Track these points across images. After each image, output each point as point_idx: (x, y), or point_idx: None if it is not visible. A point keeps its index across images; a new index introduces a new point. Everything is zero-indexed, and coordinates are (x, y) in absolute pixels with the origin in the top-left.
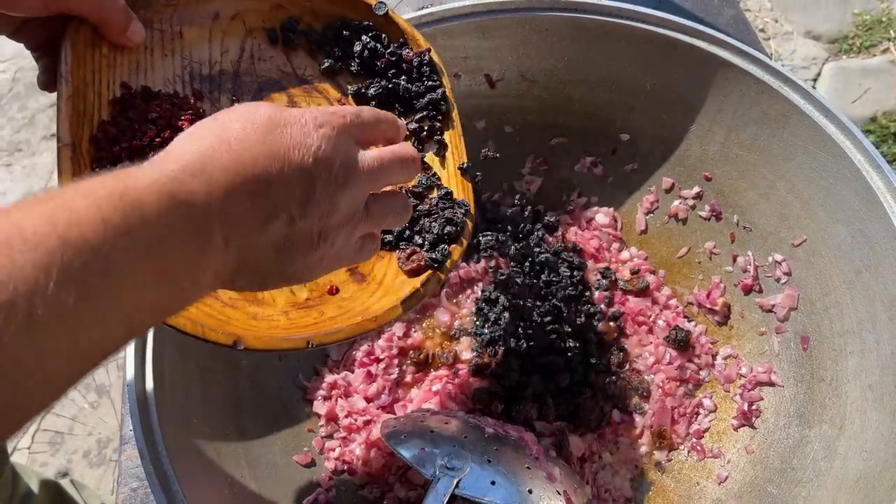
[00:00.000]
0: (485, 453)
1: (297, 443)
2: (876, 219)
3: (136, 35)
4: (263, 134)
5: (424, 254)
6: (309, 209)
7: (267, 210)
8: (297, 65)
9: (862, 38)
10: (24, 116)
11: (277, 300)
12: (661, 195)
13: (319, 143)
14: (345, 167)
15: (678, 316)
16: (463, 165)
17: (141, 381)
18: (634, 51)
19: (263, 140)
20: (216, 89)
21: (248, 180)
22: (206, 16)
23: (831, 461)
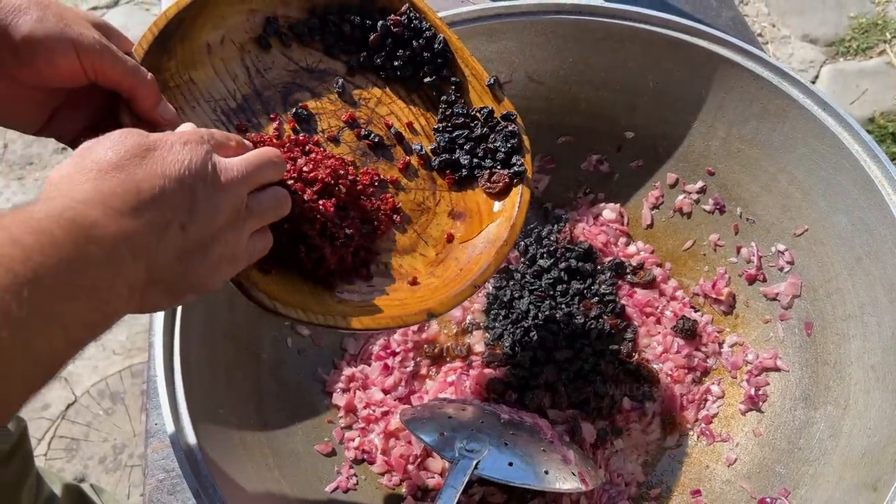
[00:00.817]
0: (501, 437)
1: (317, 433)
2: (874, 207)
3: (168, 112)
4: (139, 158)
5: (503, 172)
6: (195, 215)
7: (159, 223)
8: (297, 59)
9: (858, 40)
10: None
11: (419, 269)
12: (665, 190)
13: (190, 156)
14: (216, 172)
15: (685, 306)
16: (490, 82)
17: (170, 373)
18: (637, 51)
19: (141, 164)
20: (252, 115)
21: (139, 201)
22: (202, 51)
23: (836, 440)
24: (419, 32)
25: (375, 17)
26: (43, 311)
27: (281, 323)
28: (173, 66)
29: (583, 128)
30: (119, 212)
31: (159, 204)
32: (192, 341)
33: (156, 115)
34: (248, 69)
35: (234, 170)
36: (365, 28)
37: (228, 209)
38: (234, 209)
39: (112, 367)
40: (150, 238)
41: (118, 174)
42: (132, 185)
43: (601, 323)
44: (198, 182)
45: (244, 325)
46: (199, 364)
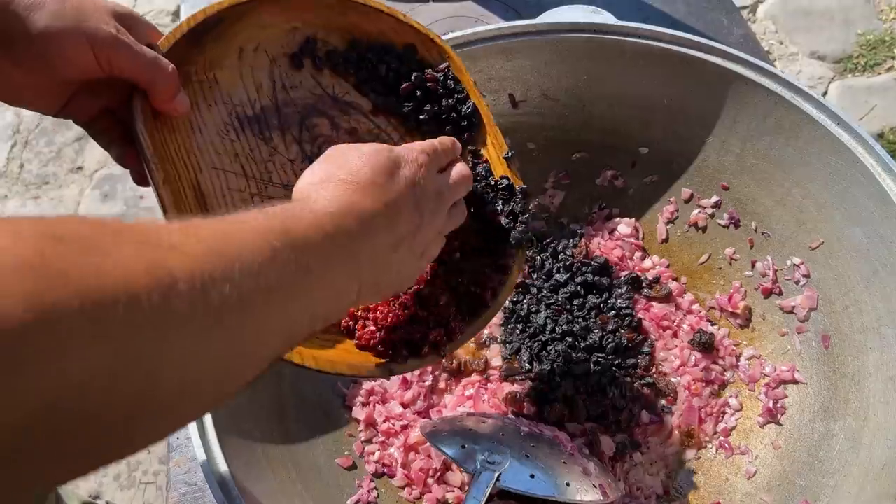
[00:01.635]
0: (522, 449)
1: (338, 447)
2: (890, 219)
3: (182, 105)
4: (387, 177)
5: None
6: (418, 235)
7: (394, 239)
8: (325, 84)
9: (866, 57)
10: (52, 150)
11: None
12: (680, 205)
13: (425, 182)
14: (438, 195)
15: (701, 320)
16: (507, 155)
17: None
18: (650, 68)
19: (388, 183)
20: (266, 128)
21: (385, 218)
22: (233, 54)
23: (857, 452)
24: (452, 92)
25: (413, 67)
26: (302, 291)
27: None
28: (200, 62)
29: (597, 144)
30: (370, 226)
31: (398, 223)
32: None
33: (170, 107)
34: (275, 82)
35: (447, 190)
36: (400, 73)
37: (440, 226)
38: (442, 225)
39: None
40: (386, 251)
41: (372, 191)
42: (383, 203)
43: (618, 337)
44: (426, 206)
45: None
46: None
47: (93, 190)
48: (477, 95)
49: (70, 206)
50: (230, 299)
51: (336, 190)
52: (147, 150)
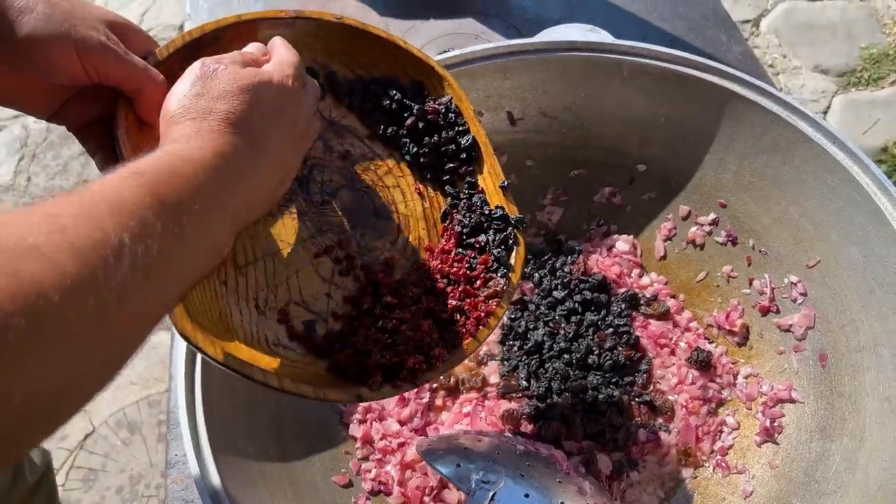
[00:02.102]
0: (517, 468)
1: (335, 464)
2: (886, 239)
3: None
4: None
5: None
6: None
7: (268, 174)
8: (322, 108)
9: (870, 70)
10: (58, 164)
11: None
12: (678, 222)
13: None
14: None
15: (699, 338)
16: (503, 184)
17: (191, 404)
18: (648, 86)
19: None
20: None
21: (265, 157)
22: None
23: (853, 472)
24: (452, 125)
25: (417, 101)
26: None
27: None
28: None
29: (595, 161)
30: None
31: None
32: (212, 372)
33: (155, 117)
34: None
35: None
36: (403, 106)
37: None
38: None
39: (130, 396)
40: (261, 187)
41: (250, 135)
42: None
43: (616, 354)
44: (307, 132)
45: None
46: (220, 395)
47: None
48: (476, 126)
49: None
50: (107, 296)
51: (214, 132)
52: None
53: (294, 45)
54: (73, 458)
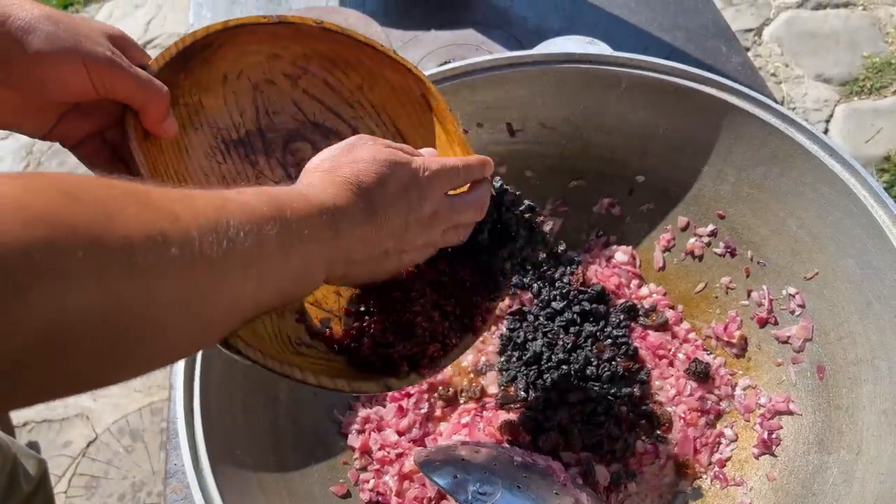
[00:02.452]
0: (514, 480)
1: (333, 474)
2: (883, 251)
3: (171, 127)
4: (387, 186)
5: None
6: (400, 245)
7: (373, 245)
8: (307, 111)
9: (872, 79)
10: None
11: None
12: (677, 233)
13: (423, 200)
14: (433, 214)
15: (697, 349)
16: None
17: (190, 414)
18: (647, 98)
19: (385, 192)
20: (251, 152)
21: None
22: (217, 80)
23: (850, 485)
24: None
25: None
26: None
27: None
28: (187, 85)
29: (594, 172)
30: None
31: (384, 231)
32: (211, 382)
33: (160, 129)
34: (258, 108)
35: (447, 212)
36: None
37: (426, 239)
38: (429, 239)
39: (132, 404)
40: (364, 252)
41: (369, 196)
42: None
43: (614, 366)
44: (420, 221)
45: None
46: (218, 405)
47: None
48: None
49: None
50: (213, 266)
51: (335, 185)
52: (142, 167)
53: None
54: (75, 466)
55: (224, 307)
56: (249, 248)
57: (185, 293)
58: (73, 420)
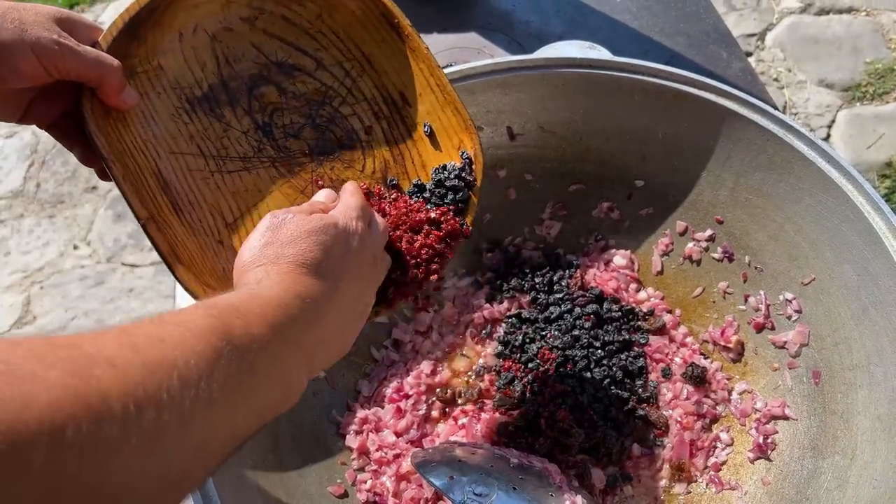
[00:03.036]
0: (510, 481)
1: (331, 475)
2: (879, 258)
3: (131, 98)
4: (334, 255)
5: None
6: (361, 300)
7: (342, 316)
8: (268, 52)
9: (875, 85)
10: (67, 170)
11: None
12: (675, 238)
13: (365, 250)
14: (373, 257)
15: (694, 353)
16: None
17: None
18: (646, 103)
19: (336, 262)
20: (216, 105)
21: (336, 298)
22: (173, 39)
23: (843, 490)
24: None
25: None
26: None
27: None
28: (142, 53)
29: (594, 176)
30: (319, 308)
31: (348, 296)
32: None
33: (118, 101)
34: (218, 58)
35: (378, 247)
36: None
37: (381, 275)
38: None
39: None
40: (335, 328)
41: (323, 272)
42: (332, 284)
43: (612, 369)
44: (369, 269)
45: None
46: None
47: (106, 210)
48: (416, 38)
49: (84, 225)
50: (168, 416)
51: (284, 274)
52: (102, 149)
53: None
54: None
55: (190, 460)
56: (211, 388)
57: (138, 461)
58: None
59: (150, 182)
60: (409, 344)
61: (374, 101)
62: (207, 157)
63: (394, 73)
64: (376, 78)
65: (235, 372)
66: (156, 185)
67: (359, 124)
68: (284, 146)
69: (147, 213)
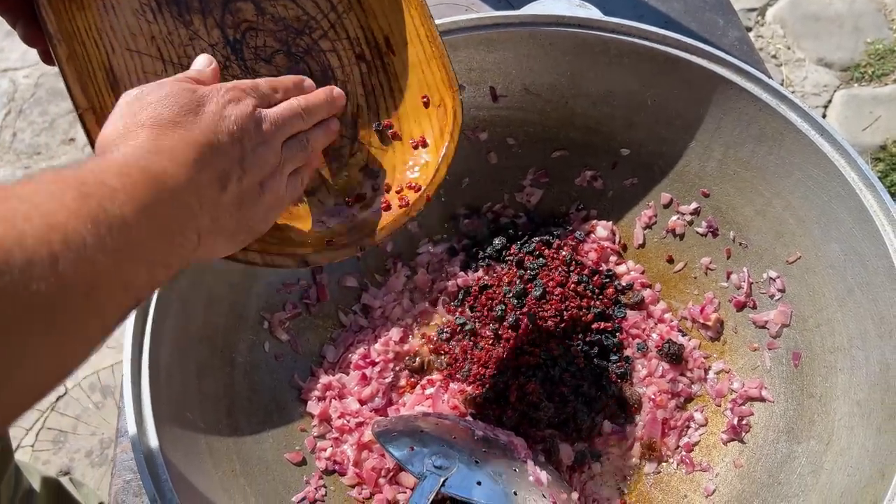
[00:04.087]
0: (473, 454)
1: (289, 441)
2: (868, 237)
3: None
4: (193, 115)
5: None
6: (246, 165)
7: (219, 175)
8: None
9: (874, 66)
10: (45, 121)
11: (312, 210)
12: (659, 210)
13: (238, 112)
14: (260, 126)
15: (672, 330)
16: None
17: (137, 373)
18: (635, 67)
19: (196, 120)
20: (185, 10)
21: (200, 154)
22: None
23: (817, 476)
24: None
25: None
26: (129, 245)
27: (259, 327)
28: None
29: (578, 142)
30: (184, 164)
31: (217, 158)
32: (164, 341)
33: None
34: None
35: (271, 123)
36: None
37: (272, 159)
38: (275, 158)
39: (104, 360)
40: (213, 189)
41: (177, 130)
42: (192, 140)
43: (586, 343)
44: (245, 137)
45: (221, 328)
46: (169, 365)
47: None
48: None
49: None
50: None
51: (140, 137)
52: (49, 25)
53: None
54: (43, 419)
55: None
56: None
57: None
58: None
59: (98, 75)
60: (378, 310)
61: (357, 42)
62: (167, 62)
63: (382, 15)
64: (363, 17)
65: (110, 239)
66: (104, 80)
67: (336, 62)
68: (252, 69)
69: (87, 103)
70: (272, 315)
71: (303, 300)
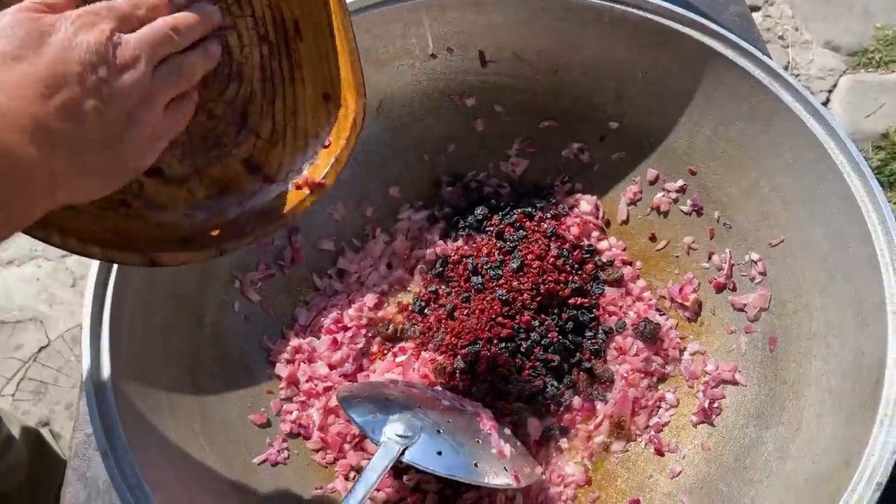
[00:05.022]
0: (436, 424)
1: (254, 402)
2: (853, 222)
3: None
4: (36, 46)
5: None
6: (106, 96)
7: (72, 108)
8: None
9: (882, 52)
10: None
11: (178, 202)
12: (644, 186)
13: (88, 39)
14: (115, 53)
15: (650, 308)
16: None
17: (97, 326)
18: (628, 37)
19: (39, 52)
20: None
21: (46, 88)
22: None
23: (783, 462)
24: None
25: None
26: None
27: (230, 286)
28: None
29: (567, 113)
30: (27, 100)
31: (67, 90)
32: (128, 295)
33: None
34: None
35: (133, 48)
36: None
37: (137, 88)
38: (142, 87)
39: None
40: (65, 124)
41: (19, 64)
42: (35, 74)
43: (560, 318)
44: (101, 65)
45: (189, 285)
46: (132, 320)
47: None
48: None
49: None
50: None
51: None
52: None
53: None
54: (25, 370)
55: None
56: None
57: None
58: (27, 324)
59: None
60: (354, 275)
61: (262, 22)
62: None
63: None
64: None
65: None
66: None
67: (236, 41)
68: None
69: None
70: (244, 275)
71: (277, 261)
